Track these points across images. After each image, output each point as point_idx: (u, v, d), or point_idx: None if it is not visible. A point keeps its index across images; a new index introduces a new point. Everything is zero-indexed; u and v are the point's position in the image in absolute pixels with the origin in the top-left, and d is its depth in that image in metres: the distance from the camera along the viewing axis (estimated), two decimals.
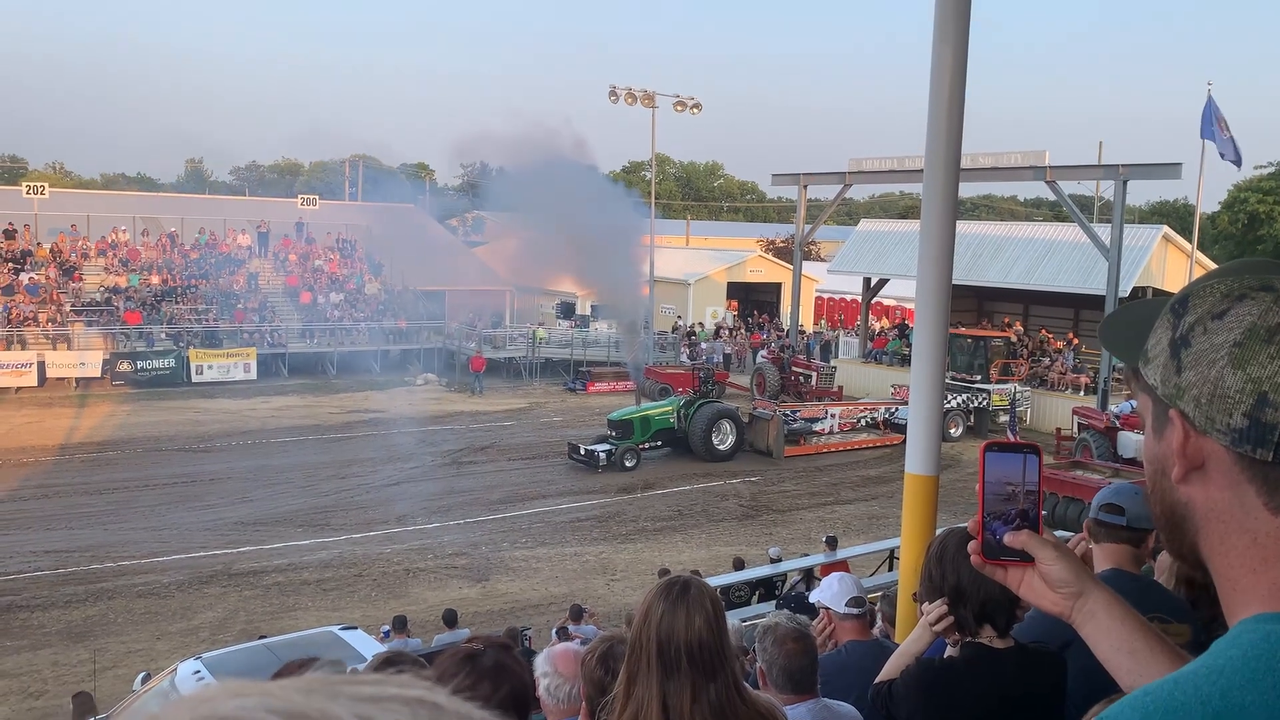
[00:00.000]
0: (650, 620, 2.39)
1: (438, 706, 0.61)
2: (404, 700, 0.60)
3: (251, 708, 0.56)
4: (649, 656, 2.37)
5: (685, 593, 2.42)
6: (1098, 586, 1.51)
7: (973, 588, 2.55)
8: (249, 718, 0.56)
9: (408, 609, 14.26)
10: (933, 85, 5.34)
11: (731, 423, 26.36)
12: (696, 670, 2.35)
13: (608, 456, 24.62)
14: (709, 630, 2.37)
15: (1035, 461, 1.64)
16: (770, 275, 51.64)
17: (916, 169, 32.70)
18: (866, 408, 29.57)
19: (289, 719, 0.56)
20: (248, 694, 0.58)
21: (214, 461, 24.74)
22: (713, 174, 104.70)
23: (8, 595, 15.65)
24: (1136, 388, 1.19)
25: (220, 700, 0.57)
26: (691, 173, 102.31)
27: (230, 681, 0.59)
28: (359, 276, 43.06)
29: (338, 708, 0.57)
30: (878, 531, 19.55)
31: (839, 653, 4.02)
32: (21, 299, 34.79)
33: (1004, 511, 1.60)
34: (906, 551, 5.62)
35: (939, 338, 5.40)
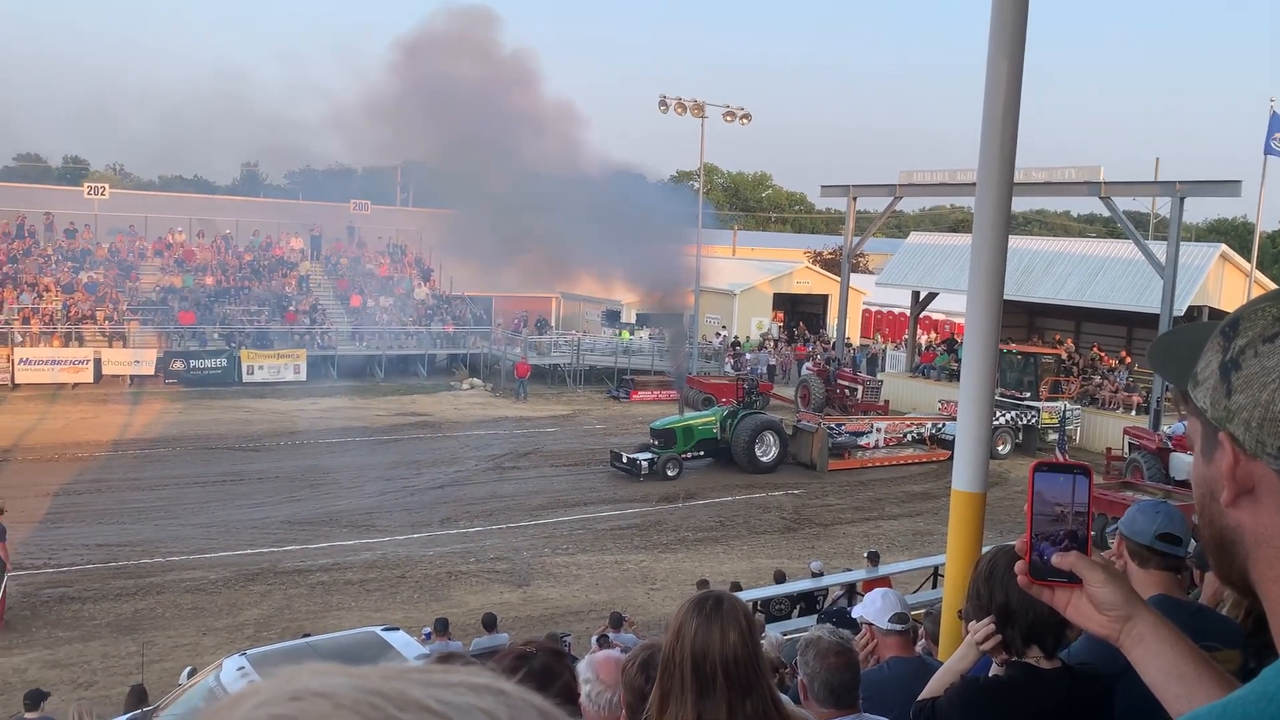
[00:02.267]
0: (683, 637, 2.36)
1: (503, 693, 0.63)
2: (471, 686, 0.62)
3: (336, 685, 0.60)
4: (683, 674, 2.34)
5: (718, 608, 2.39)
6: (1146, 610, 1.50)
7: (1021, 608, 2.52)
8: (334, 694, 0.59)
9: (449, 611, 14.35)
10: (987, 98, 5.31)
11: (775, 435, 26.23)
12: (732, 686, 2.32)
13: (650, 465, 24.62)
14: (743, 645, 2.34)
15: (1085, 483, 1.63)
16: (817, 287, 51.37)
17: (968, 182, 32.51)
18: (913, 423, 29.30)
19: (370, 695, 0.59)
20: (331, 674, 0.61)
21: (262, 460, 25.10)
22: (761, 184, 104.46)
23: (60, 587, 15.99)
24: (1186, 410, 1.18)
25: (307, 678, 0.61)
26: (739, 183, 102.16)
27: (318, 664, 0.63)
28: (408, 281, 43.50)
29: (413, 689, 0.60)
30: (922, 548, 19.35)
31: (881, 669, 3.99)
32: (80, 297, 35.58)
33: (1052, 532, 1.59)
34: (952, 569, 5.57)
35: (989, 353, 5.36)
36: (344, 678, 0.61)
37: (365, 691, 0.59)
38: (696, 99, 38.87)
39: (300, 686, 0.60)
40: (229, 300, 38.21)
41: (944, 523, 12.40)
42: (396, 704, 0.59)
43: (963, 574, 5.47)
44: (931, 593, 13.72)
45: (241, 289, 39.22)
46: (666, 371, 38.80)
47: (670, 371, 37.26)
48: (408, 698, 0.60)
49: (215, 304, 37.58)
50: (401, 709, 0.59)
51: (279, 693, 0.60)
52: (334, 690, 0.59)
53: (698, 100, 38.89)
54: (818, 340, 45.94)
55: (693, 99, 38.86)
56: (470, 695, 0.61)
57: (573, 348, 39.67)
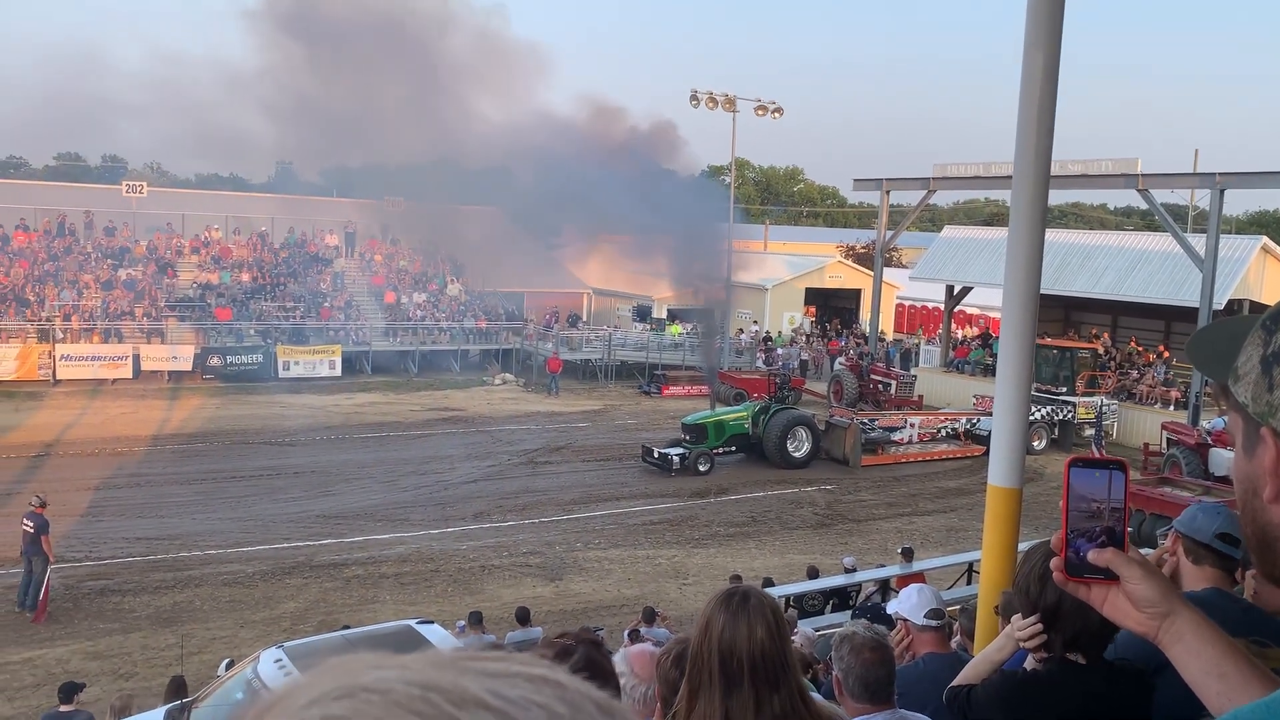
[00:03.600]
0: (711, 633, 2.35)
1: (560, 684, 0.62)
2: (528, 677, 0.61)
3: (390, 679, 0.58)
4: (710, 670, 2.33)
5: (745, 603, 2.38)
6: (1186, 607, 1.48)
7: (1071, 615, 2.46)
8: (388, 688, 0.58)
9: (482, 605, 14.44)
10: (1023, 90, 5.25)
11: (807, 430, 26.12)
12: (760, 682, 2.31)
13: (681, 460, 24.59)
14: (771, 640, 2.33)
15: (1121, 478, 1.62)
16: (850, 281, 51.08)
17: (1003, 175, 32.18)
18: (947, 418, 29.10)
19: (425, 690, 0.58)
20: (386, 666, 0.60)
21: (298, 455, 25.36)
22: (793, 178, 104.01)
23: (101, 579, 16.25)
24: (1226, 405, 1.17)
25: (361, 671, 0.60)
26: (771, 177, 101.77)
27: (367, 654, 0.62)
28: (441, 277, 43.74)
29: (468, 682, 0.59)
30: (956, 544, 19.21)
31: (917, 664, 3.97)
32: (119, 294, 36.09)
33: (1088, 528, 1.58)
34: (987, 565, 5.53)
35: (1025, 348, 5.31)
36: (395, 670, 0.59)
37: (419, 686, 0.58)
38: (728, 93, 38.77)
39: (351, 682, 0.58)
40: (265, 297, 38.60)
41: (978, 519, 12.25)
42: (452, 700, 0.57)
43: (999, 570, 5.42)
44: (966, 589, 13.62)
45: (277, 285, 39.61)
46: (698, 367, 38.76)
47: (702, 367, 37.24)
48: (464, 692, 0.58)
49: (251, 300, 37.98)
50: (458, 706, 0.57)
51: (329, 689, 0.58)
52: (387, 686, 0.58)
53: (729, 94, 38.79)
54: (851, 335, 45.70)
55: (724, 93, 38.77)
56: (527, 688, 0.60)
57: (604, 343, 39.73)
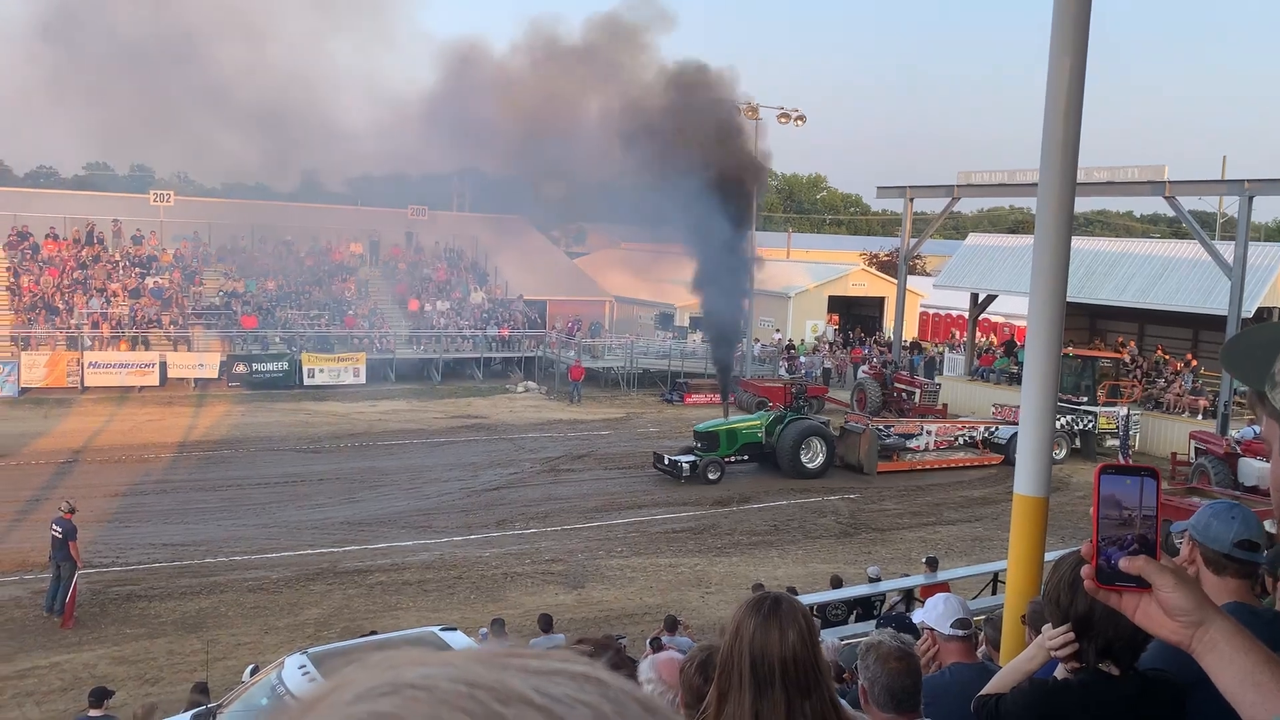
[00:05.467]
0: (741, 637, 2.35)
1: (603, 682, 0.61)
2: (570, 675, 0.61)
3: (435, 676, 0.58)
4: (741, 674, 2.33)
5: (777, 608, 2.38)
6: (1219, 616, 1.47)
7: (1104, 623, 2.44)
8: (433, 685, 0.57)
9: (505, 612, 14.46)
10: (1049, 97, 5.23)
11: (822, 441, 25.79)
12: (791, 687, 2.30)
13: (691, 468, 24.36)
14: (803, 646, 2.32)
15: (1153, 485, 1.60)
16: (873, 289, 50.93)
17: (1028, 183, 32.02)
18: (965, 425, 28.87)
19: (470, 687, 0.57)
20: (430, 663, 0.60)
21: (323, 462, 25.50)
22: (815, 186, 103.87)
23: (128, 585, 16.38)
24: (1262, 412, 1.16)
25: (405, 668, 0.59)
26: (794, 185, 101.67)
27: (411, 650, 0.62)
28: (465, 285, 43.92)
29: (512, 679, 0.59)
30: (981, 554, 19.08)
31: (943, 674, 3.95)
32: (147, 302, 36.45)
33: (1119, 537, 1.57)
34: (1014, 574, 5.48)
35: (1051, 357, 5.27)
36: (439, 667, 0.59)
37: (464, 683, 0.57)
38: (750, 101, 38.77)
39: (396, 678, 0.58)
40: (290, 305, 38.89)
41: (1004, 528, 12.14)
42: (498, 697, 0.57)
43: (1025, 580, 5.38)
44: (991, 599, 13.52)
45: (302, 293, 39.90)
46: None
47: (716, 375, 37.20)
48: (509, 689, 0.57)
49: (277, 308, 38.27)
50: (504, 702, 0.56)
51: (374, 685, 0.58)
52: (432, 683, 0.57)
53: (751, 102, 38.79)
54: (874, 343, 45.54)
55: (747, 101, 38.76)
56: (571, 686, 0.59)
57: (626, 351, 39.75)
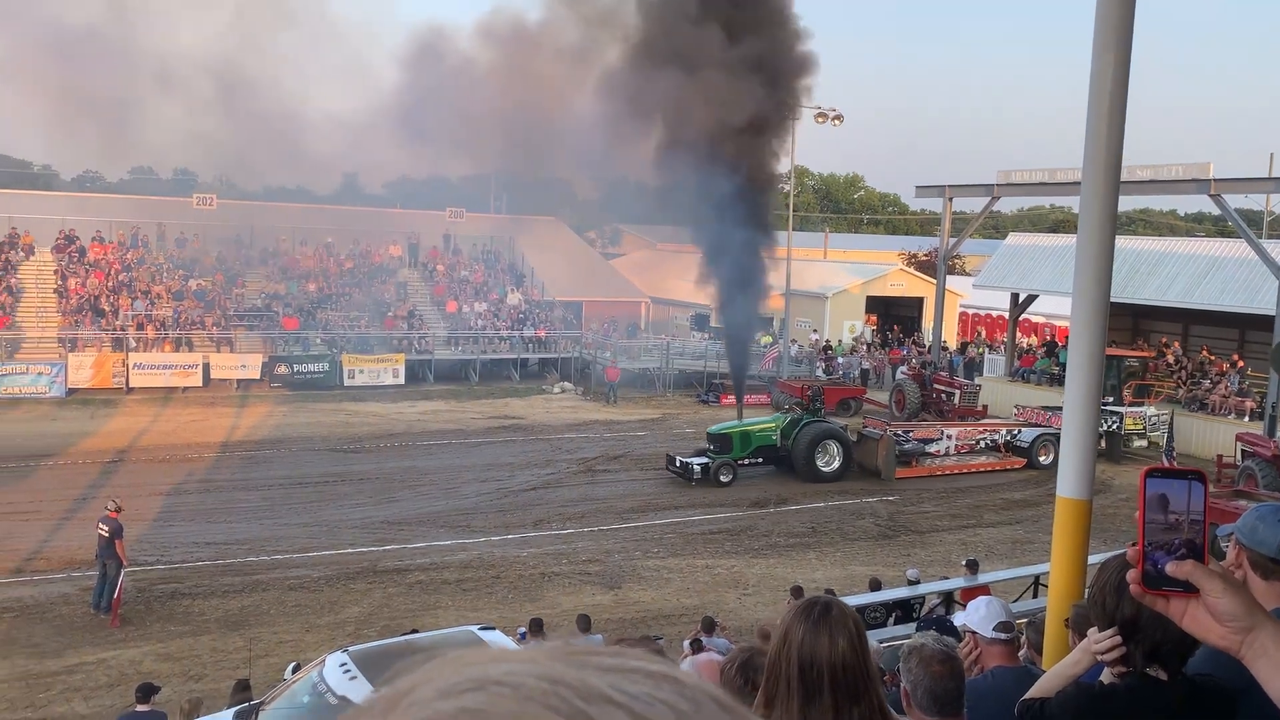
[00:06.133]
0: (790, 642, 2.34)
1: (678, 681, 0.61)
2: (647, 674, 0.60)
3: (520, 673, 0.58)
4: (789, 679, 2.31)
5: (827, 614, 2.36)
6: (1270, 621, 1.45)
7: (1149, 626, 2.40)
8: (519, 682, 0.58)
9: (542, 612, 14.49)
10: (1092, 95, 5.18)
11: (838, 444, 25.32)
12: (840, 694, 2.29)
13: (703, 470, 24.02)
14: (853, 652, 2.31)
15: (1200, 489, 1.59)
16: (912, 289, 50.56)
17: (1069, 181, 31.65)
18: (986, 429, 28.33)
19: (554, 684, 0.58)
20: (511, 660, 0.60)
21: (363, 462, 25.73)
22: (853, 186, 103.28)
23: (172, 583, 16.62)
24: None
25: (485, 664, 0.60)
26: (831, 185, 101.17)
27: (484, 648, 0.63)
28: (502, 287, 44.15)
29: (592, 677, 0.59)
30: (1021, 557, 18.88)
31: (985, 678, 3.91)
32: (190, 304, 36.98)
33: (1167, 541, 1.55)
34: (1056, 578, 5.43)
35: (1095, 357, 5.22)
36: (521, 664, 0.59)
37: (548, 680, 0.58)
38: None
39: (480, 674, 0.58)
40: (330, 306, 39.30)
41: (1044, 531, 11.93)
42: (581, 695, 0.57)
43: (1068, 583, 5.33)
44: (1032, 602, 13.37)
45: (342, 295, 40.31)
46: (757, 376, 38.56)
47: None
48: (591, 688, 0.57)
49: (317, 310, 38.69)
50: (587, 700, 0.56)
51: (457, 681, 0.58)
52: (517, 679, 0.58)
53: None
54: (912, 344, 45.20)
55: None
56: (648, 684, 0.59)
57: (662, 351, 39.76)
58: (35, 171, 63.47)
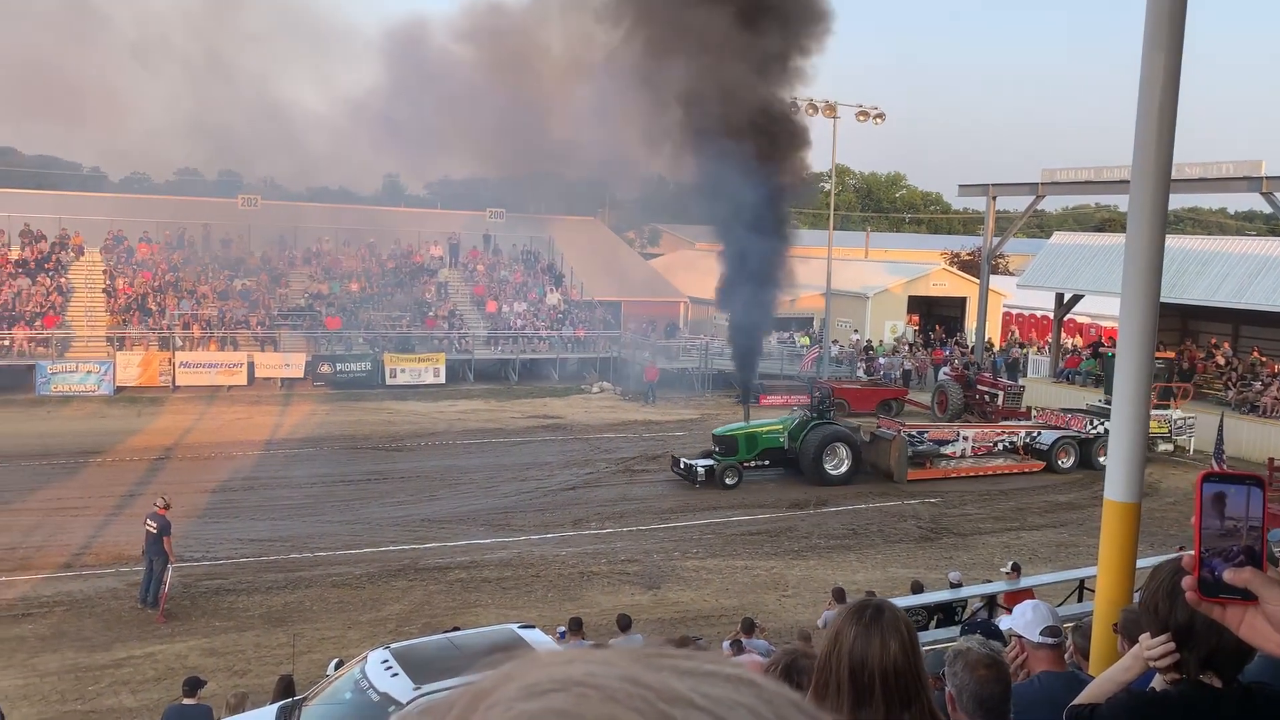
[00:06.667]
0: (841, 644, 2.32)
1: (756, 684, 0.61)
2: (724, 677, 0.60)
3: (602, 675, 0.58)
4: (839, 682, 2.30)
5: (879, 617, 2.34)
6: None
7: (1205, 633, 2.35)
8: (601, 683, 0.57)
9: (582, 611, 14.52)
10: (1142, 93, 5.09)
11: (847, 447, 24.85)
12: (890, 697, 2.27)
13: (707, 472, 23.68)
14: (904, 656, 2.28)
15: (1259, 495, 1.56)
16: (954, 289, 50.09)
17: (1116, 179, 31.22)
18: (1005, 430, 27.77)
19: (636, 686, 0.57)
20: (591, 661, 0.60)
21: (404, 460, 25.94)
22: (895, 185, 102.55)
23: (217, 579, 16.85)
24: None
25: (570, 666, 0.59)
26: (872, 184, 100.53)
27: (557, 650, 0.62)
28: (541, 286, 44.33)
29: (672, 680, 0.58)
30: (1066, 560, 18.62)
31: (1032, 682, 3.86)
32: (235, 304, 37.50)
33: (1224, 547, 1.52)
34: (1104, 582, 5.35)
35: (1144, 357, 5.13)
36: (602, 665, 0.59)
37: (630, 683, 0.57)
38: (829, 100, 38.45)
39: (562, 675, 0.58)
40: (373, 306, 39.68)
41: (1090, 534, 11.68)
42: (663, 698, 0.56)
43: (1116, 587, 5.25)
44: (1077, 606, 13.18)
45: (384, 295, 40.68)
46: (797, 376, 38.40)
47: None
48: (672, 690, 0.57)
49: (360, 310, 39.07)
50: (669, 703, 0.56)
51: (539, 681, 0.58)
52: (601, 681, 0.57)
53: (830, 101, 38.48)
54: (955, 344, 44.78)
55: (824, 100, 38.46)
56: (727, 687, 0.59)
57: (701, 352, 39.70)
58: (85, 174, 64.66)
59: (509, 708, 0.57)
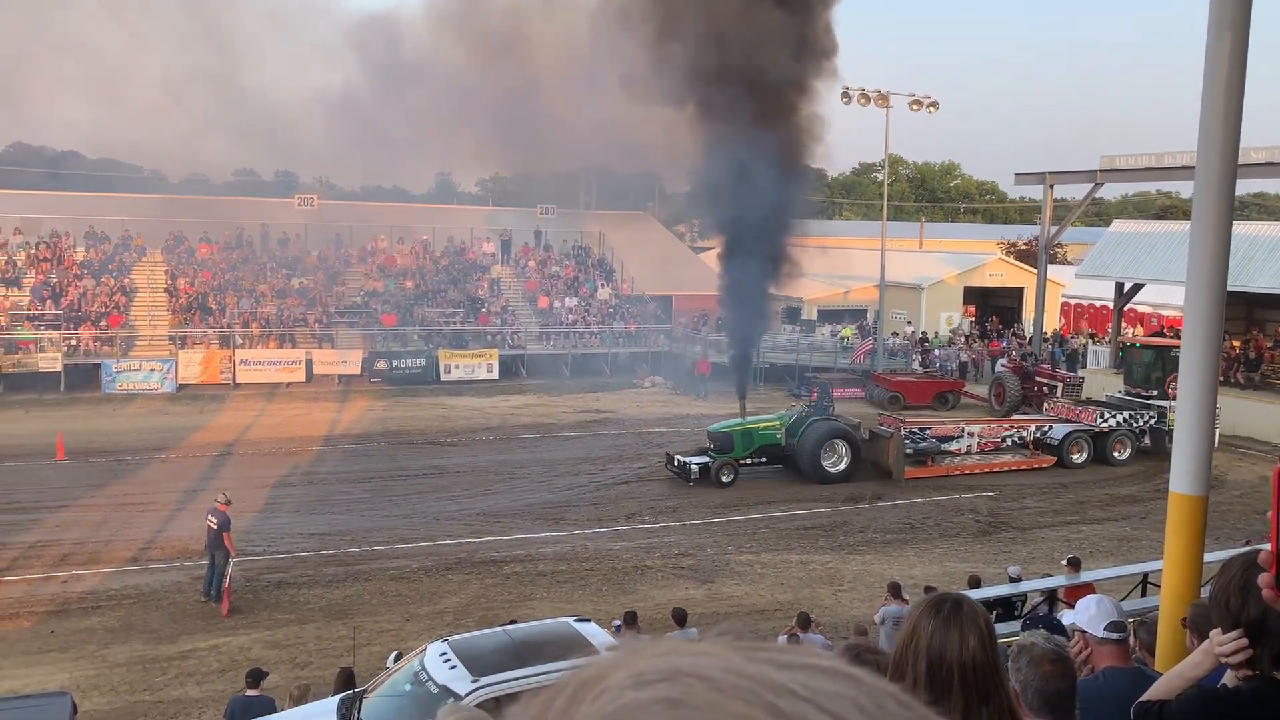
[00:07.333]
0: (919, 638, 2.29)
1: (853, 678, 0.61)
2: (822, 670, 0.60)
3: (707, 666, 0.59)
4: (916, 677, 2.27)
5: (958, 610, 2.31)
6: None
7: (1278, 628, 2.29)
8: (709, 674, 0.58)
9: (636, 605, 14.56)
10: (1207, 75, 4.96)
11: (846, 443, 24.23)
12: (969, 693, 2.23)
13: (702, 470, 23.25)
14: (983, 651, 2.25)
15: None
16: (1011, 279, 49.31)
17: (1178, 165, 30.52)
18: (1013, 425, 26.98)
19: (742, 678, 0.58)
20: (694, 653, 0.61)
21: (459, 455, 26.18)
22: (949, 174, 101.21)
23: (278, 573, 17.15)
24: None
25: (674, 656, 0.60)
26: (926, 173, 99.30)
27: (653, 642, 0.63)
28: (592, 282, 44.43)
29: (774, 673, 0.59)
30: (1128, 554, 18.27)
31: (1096, 679, 3.79)
32: (293, 302, 38.09)
33: None
34: (1169, 577, 5.24)
35: (1211, 346, 5.01)
36: (705, 657, 0.60)
37: (736, 674, 0.58)
38: (880, 89, 38.05)
39: (671, 665, 0.59)
40: (427, 303, 40.07)
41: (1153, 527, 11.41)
42: (769, 689, 0.57)
43: (1182, 581, 5.14)
44: (1140, 601, 12.93)
45: (438, 292, 41.06)
46: (851, 369, 38.10)
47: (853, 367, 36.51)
48: (776, 682, 0.58)
49: (414, 307, 39.48)
50: (775, 694, 0.57)
51: (645, 671, 0.58)
52: (708, 672, 0.58)
53: (882, 90, 38.07)
54: (1013, 335, 44.11)
55: (876, 89, 38.06)
56: (826, 680, 0.59)
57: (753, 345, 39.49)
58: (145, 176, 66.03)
59: (619, 695, 0.57)
